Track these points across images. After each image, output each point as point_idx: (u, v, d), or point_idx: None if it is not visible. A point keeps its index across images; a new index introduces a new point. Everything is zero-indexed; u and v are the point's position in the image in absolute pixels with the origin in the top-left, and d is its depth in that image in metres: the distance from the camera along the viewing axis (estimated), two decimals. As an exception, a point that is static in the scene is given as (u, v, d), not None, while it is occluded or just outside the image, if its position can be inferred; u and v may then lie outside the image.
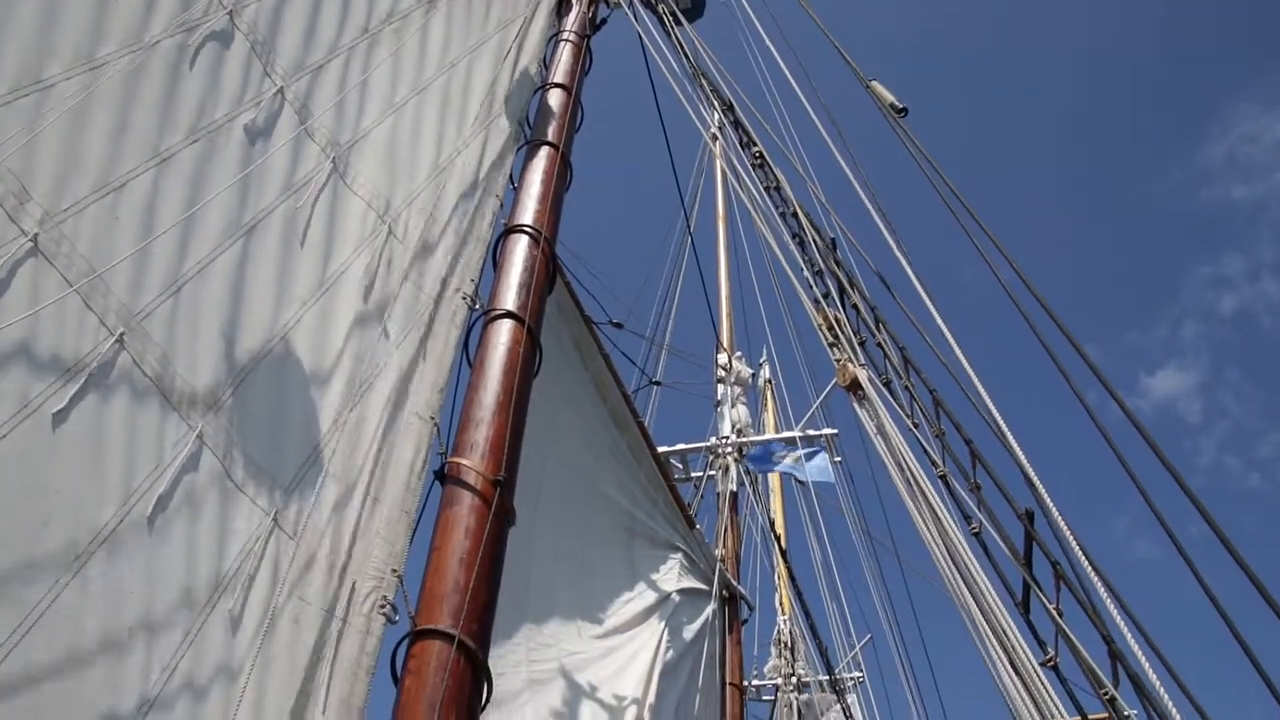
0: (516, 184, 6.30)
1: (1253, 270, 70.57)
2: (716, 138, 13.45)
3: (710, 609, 10.02)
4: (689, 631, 9.66)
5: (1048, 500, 5.34)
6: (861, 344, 6.98)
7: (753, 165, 8.75)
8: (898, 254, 6.81)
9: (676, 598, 9.42)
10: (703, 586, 9.99)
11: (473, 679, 4.00)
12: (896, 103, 7.81)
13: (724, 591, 11.15)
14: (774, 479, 21.72)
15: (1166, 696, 4.57)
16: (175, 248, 3.92)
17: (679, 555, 9.73)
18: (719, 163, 16.52)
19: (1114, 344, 68.33)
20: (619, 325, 10.76)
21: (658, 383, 14.19)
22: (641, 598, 8.96)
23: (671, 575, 9.49)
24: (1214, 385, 76.81)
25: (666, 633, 8.95)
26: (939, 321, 6.33)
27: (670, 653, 8.97)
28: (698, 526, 10.38)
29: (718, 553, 10.71)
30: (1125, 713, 4.92)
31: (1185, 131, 69.28)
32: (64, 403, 3.28)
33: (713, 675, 10.27)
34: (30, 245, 3.37)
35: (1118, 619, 4.88)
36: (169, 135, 4.08)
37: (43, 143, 3.53)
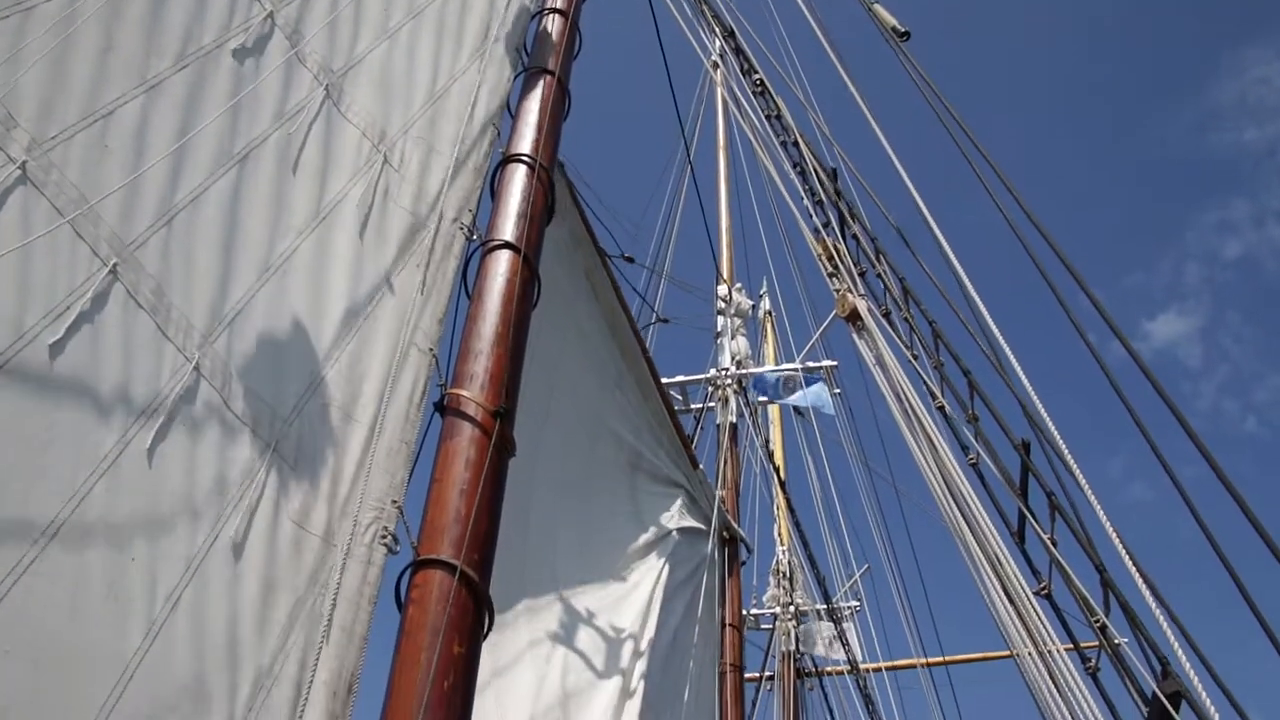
0: (514, 113, 6.21)
1: (1258, 215, 69.87)
2: (717, 65, 13.26)
3: (710, 549, 10.04)
4: (688, 570, 9.67)
5: (1050, 425, 5.35)
6: (861, 275, 6.95)
7: (753, 93, 8.63)
8: (902, 174, 6.73)
9: (677, 536, 9.42)
10: (703, 527, 9.98)
11: (474, 608, 4.04)
12: (899, 26, 7.66)
13: (724, 533, 11.17)
14: (773, 411, 21.80)
15: (1163, 623, 4.63)
16: (167, 176, 3.87)
17: (682, 494, 9.72)
18: (720, 91, 16.32)
19: (1115, 286, 67.85)
20: (630, 259, 10.67)
21: (665, 319, 14.09)
22: (643, 533, 8.97)
23: (673, 513, 9.48)
24: (1214, 330, 76.57)
25: (666, 570, 8.95)
26: (946, 249, 6.28)
27: (669, 589, 9.00)
28: (700, 467, 10.37)
29: (719, 493, 10.69)
30: (1116, 641, 4.98)
31: (1197, 72, 68.15)
32: (60, 334, 3.26)
33: (711, 614, 10.31)
34: (19, 173, 3.33)
35: (1117, 544, 4.92)
36: (156, 61, 4.00)
37: (27, 67, 3.47)
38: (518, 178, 5.71)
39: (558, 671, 7.36)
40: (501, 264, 5.23)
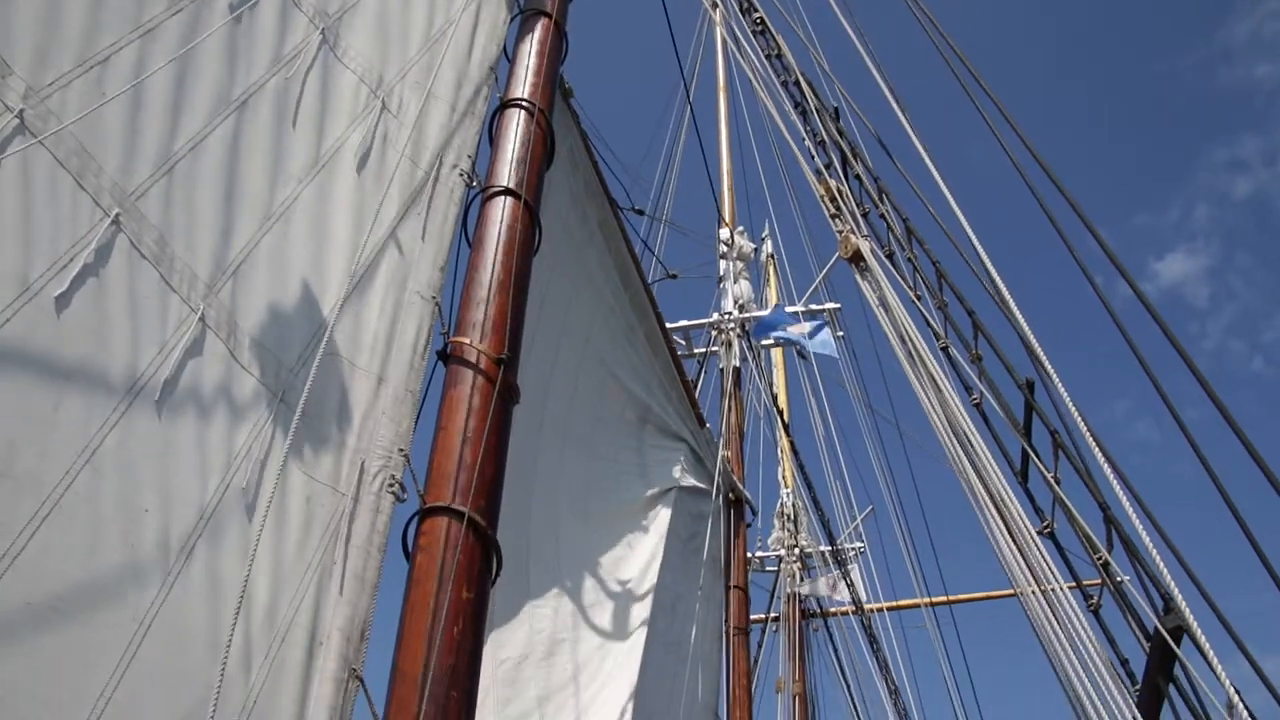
0: (510, 56, 6.13)
1: (1269, 152, 68.96)
2: (716, 4, 13.06)
3: (715, 509, 10.01)
4: (692, 529, 9.61)
5: (1048, 366, 5.36)
6: (864, 215, 6.90)
7: (753, 32, 8.51)
8: (901, 118, 6.66)
9: (682, 494, 9.34)
10: (706, 487, 9.97)
11: (482, 553, 4.08)
12: (902, -37, 7.53)
13: (730, 494, 11.13)
14: (777, 355, 21.82)
15: (1159, 560, 4.66)
16: (166, 125, 3.83)
17: (689, 453, 9.65)
18: (719, 31, 16.09)
19: (1123, 227, 67.34)
20: (640, 212, 10.58)
21: (674, 274, 13.97)
22: (648, 488, 8.91)
23: (679, 471, 9.40)
24: (1223, 270, 75.95)
25: (670, 527, 8.88)
26: (943, 190, 6.24)
27: (673, 546, 8.94)
28: (707, 426, 10.32)
29: (723, 453, 10.62)
30: (1118, 578, 5.03)
31: (1209, 7, 66.81)
32: (65, 286, 3.24)
33: (715, 574, 10.32)
34: (17, 122, 3.28)
35: (1115, 486, 4.95)
36: (150, 6, 3.94)
37: (18, 13, 3.41)
38: (516, 122, 5.65)
39: (564, 619, 7.41)
40: (502, 210, 5.19)
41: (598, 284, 8.17)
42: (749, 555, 12.81)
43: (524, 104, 5.72)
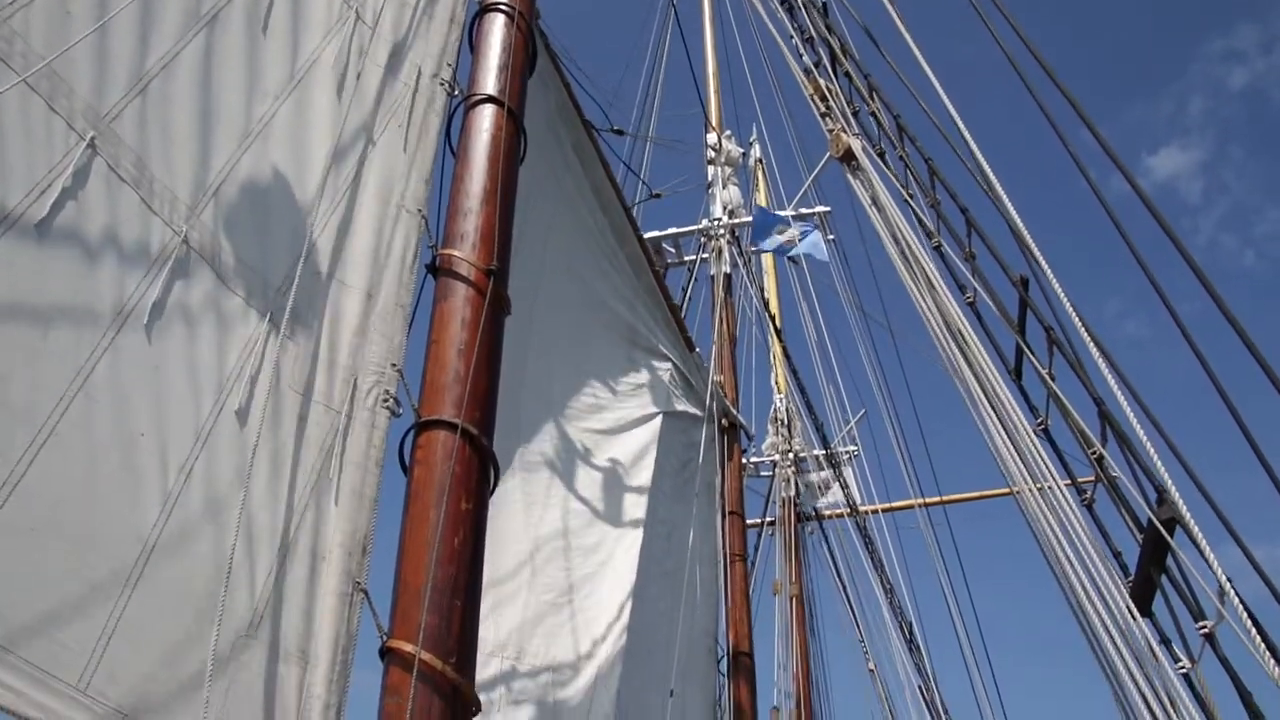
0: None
1: (1266, 42, 67.39)
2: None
3: (708, 436, 9.97)
4: (684, 455, 9.66)
5: (1043, 262, 5.31)
6: (855, 114, 6.78)
7: (738, -73, 8.26)
8: (890, 10, 6.50)
9: (673, 417, 9.33)
10: (697, 412, 9.93)
11: (479, 464, 4.10)
12: None
13: (723, 420, 11.11)
14: (767, 260, 21.71)
15: (1153, 452, 4.69)
16: (135, 43, 3.71)
17: (678, 375, 9.55)
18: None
19: (1116, 121, 66.11)
20: (620, 132, 10.40)
21: (658, 194, 13.75)
22: (637, 408, 8.88)
23: (669, 393, 9.30)
24: (1216, 163, 74.82)
25: (660, 449, 8.91)
26: (935, 85, 6.12)
27: (665, 470, 8.96)
28: (696, 350, 10.24)
29: (714, 378, 10.50)
30: (1112, 473, 5.06)
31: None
32: (45, 212, 3.18)
33: (710, 500, 10.26)
34: (-19, 45, 3.18)
35: (1109, 380, 4.95)
36: None
37: None
38: (497, 28, 5.51)
39: (554, 538, 7.45)
40: (486, 119, 5.09)
41: (577, 208, 8.06)
42: (744, 461, 12.86)
43: (504, 7, 5.56)
